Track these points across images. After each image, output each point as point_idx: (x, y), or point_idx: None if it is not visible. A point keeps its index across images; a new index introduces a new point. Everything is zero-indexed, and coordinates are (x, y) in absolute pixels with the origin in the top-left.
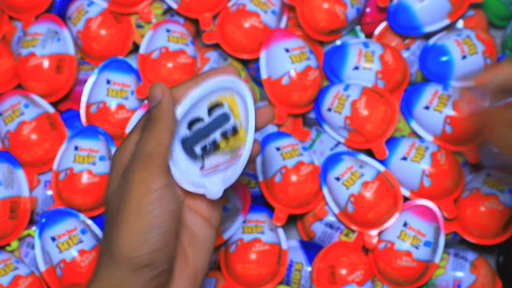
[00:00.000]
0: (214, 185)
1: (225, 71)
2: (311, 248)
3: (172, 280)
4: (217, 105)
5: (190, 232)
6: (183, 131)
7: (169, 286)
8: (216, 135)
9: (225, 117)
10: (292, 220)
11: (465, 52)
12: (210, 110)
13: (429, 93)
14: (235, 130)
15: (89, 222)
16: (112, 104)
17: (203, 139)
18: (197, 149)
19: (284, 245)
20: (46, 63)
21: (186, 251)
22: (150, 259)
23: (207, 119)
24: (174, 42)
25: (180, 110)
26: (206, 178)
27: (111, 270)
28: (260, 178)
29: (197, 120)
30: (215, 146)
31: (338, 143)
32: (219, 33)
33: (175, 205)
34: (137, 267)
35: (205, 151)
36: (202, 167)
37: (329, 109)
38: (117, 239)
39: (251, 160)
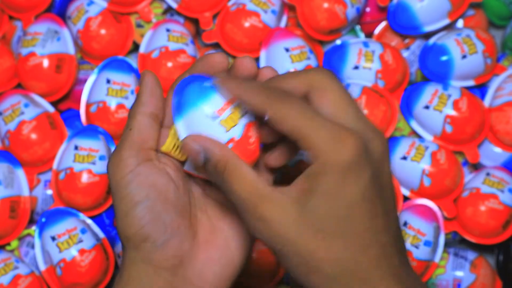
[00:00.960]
0: None
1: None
2: None
3: (197, 249)
4: None
5: (217, 206)
6: None
7: (195, 255)
8: None
9: None
10: None
11: (465, 52)
12: None
13: (429, 93)
14: None
15: (89, 221)
16: (112, 103)
17: None
18: None
19: None
20: (46, 63)
21: (212, 220)
22: (144, 233)
23: None
24: (174, 41)
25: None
26: None
27: (125, 255)
28: None
29: None
30: None
31: None
32: (219, 33)
33: (157, 179)
34: (137, 244)
35: None
36: None
37: None
38: (116, 225)
39: None
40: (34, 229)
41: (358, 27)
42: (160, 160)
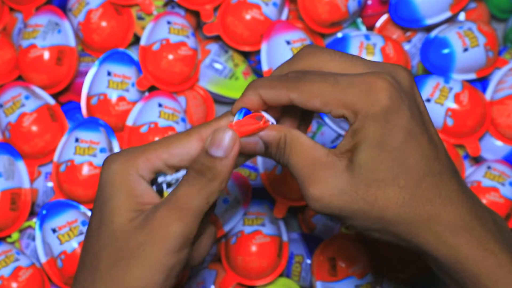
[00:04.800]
0: None
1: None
2: (312, 240)
3: None
4: None
5: None
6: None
7: None
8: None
9: None
10: (293, 213)
11: (466, 45)
12: None
13: (431, 86)
14: None
15: (90, 214)
16: (113, 96)
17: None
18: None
19: (285, 237)
20: (46, 55)
21: None
22: None
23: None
24: (175, 34)
25: None
26: None
27: None
28: (261, 170)
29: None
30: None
31: (339, 135)
32: (220, 25)
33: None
34: None
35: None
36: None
37: None
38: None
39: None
40: (35, 221)
41: (359, 20)
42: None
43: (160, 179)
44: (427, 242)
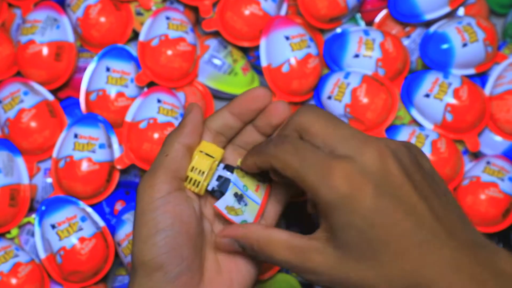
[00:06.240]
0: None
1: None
2: None
3: (203, 287)
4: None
5: None
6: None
7: None
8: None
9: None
10: (292, 210)
11: (465, 40)
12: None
13: (430, 81)
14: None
15: (89, 209)
16: (112, 91)
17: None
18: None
19: None
20: (45, 51)
21: (218, 260)
22: (160, 262)
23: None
24: (173, 29)
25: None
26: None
27: (134, 280)
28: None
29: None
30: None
31: None
32: (219, 21)
33: (184, 210)
34: (150, 272)
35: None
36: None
37: (329, 97)
38: (132, 248)
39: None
40: (34, 217)
41: (358, 15)
42: (187, 192)
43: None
44: None
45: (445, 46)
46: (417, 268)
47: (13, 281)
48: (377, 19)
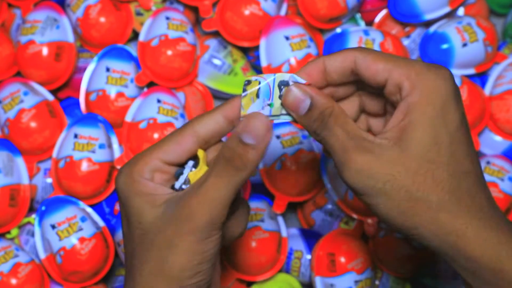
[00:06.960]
0: None
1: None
2: (311, 236)
3: None
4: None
5: None
6: None
7: None
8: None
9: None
10: (292, 209)
11: (465, 40)
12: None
13: None
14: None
15: (89, 210)
16: (112, 92)
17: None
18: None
19: (284, 233)
20: (45, 51)
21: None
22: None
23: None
24: (173, 29)
25: None
26: None
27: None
28: (260, 166)
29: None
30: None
31: None
32: (218, 21)
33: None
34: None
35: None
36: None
37: None
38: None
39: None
40: (34, 217)
41: (358, 15)
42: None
43: (177, 173)
44: (465, 238)
45: (445, 46)
46: (473, 194)
47: (13, 281)
48: (377, 19)
